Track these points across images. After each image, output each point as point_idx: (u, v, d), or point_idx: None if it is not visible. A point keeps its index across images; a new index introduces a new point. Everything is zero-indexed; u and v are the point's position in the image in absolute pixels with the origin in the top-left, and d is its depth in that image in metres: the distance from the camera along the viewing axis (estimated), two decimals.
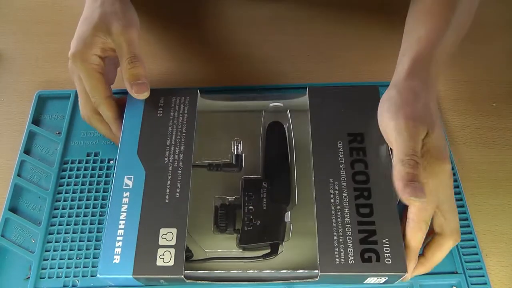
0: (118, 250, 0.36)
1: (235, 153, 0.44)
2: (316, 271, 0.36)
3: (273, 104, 0.46)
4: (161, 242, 0.36)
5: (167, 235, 0.37)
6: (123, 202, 0.38)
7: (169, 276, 0.35)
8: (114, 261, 0.36)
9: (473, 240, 0.42)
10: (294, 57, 0.55)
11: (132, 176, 0.39)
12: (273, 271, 0.38)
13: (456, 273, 0.40)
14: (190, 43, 0.56)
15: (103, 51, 0.42)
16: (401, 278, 0.37)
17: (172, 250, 0.36)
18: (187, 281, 0.36)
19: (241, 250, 0.40)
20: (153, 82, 0.52)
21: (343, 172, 0.39)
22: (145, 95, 0.42)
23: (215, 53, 0.55)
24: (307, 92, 0.44)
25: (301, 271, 0.37)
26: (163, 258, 0.36)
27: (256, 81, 0.53)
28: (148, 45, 0.56)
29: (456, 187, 0.44)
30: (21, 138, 0.48)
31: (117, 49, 0.42)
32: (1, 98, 0.52)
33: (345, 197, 0.38)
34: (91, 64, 0.41)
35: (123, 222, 0.37)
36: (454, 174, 0.45)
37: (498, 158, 0.47)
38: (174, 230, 0.37)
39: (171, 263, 0.36)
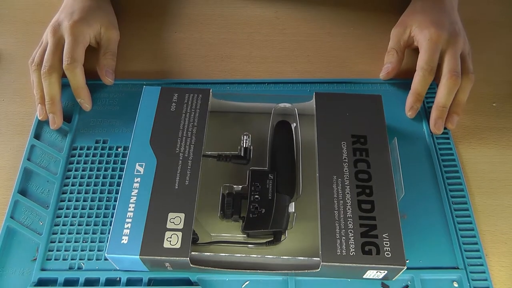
0: (126, 231, 0.37)
1: (244, 146, 0.44)
2: (317, 258, 0.36)
3: (282, 104, 0.47)
4: (169, 225, 0.37)
5: (175, 219, 0.37)
6: (133, 187, 0.39)
7: (175, 258, 0.36)
8: (122, 242, 0.36)
9: (475, 236, 0.42)
10: (294, 57, 0.55)
11: (144, 163, 0.40)
12: (275, 257, 0.38)
13: (457, 268, 0.40)
14: (190, 43, 0.56)
15: (93, 38, 0.52)
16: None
17: (179, 234, 0.37)
18: (192, 266, 0.37)
19: (245, 236, 0.41)
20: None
21: (346, 170, 0.40)
22: (109, 81, 0.51)
23: (215, 53, 0.55)
24: (313, 97, 0.45)
25: (302, 258, 0.38)
26: (170, 241, 0.36)
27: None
28: (150, 45, 0.56)
29: (461, 189, 0.45)
30: (21, 138, 0.48)
31: (103, 42, 0.53)
32: (1, 98, 0.52)
33: (347, 193, 0.39)
34: (85, 38, 0.50)
35: (133, 205, 0.38)
36: (457, 172, 0.46)
37: (498, 158, 0.47)
38: (182, 215, 0.38)
39: (178, 245, 0.36)
